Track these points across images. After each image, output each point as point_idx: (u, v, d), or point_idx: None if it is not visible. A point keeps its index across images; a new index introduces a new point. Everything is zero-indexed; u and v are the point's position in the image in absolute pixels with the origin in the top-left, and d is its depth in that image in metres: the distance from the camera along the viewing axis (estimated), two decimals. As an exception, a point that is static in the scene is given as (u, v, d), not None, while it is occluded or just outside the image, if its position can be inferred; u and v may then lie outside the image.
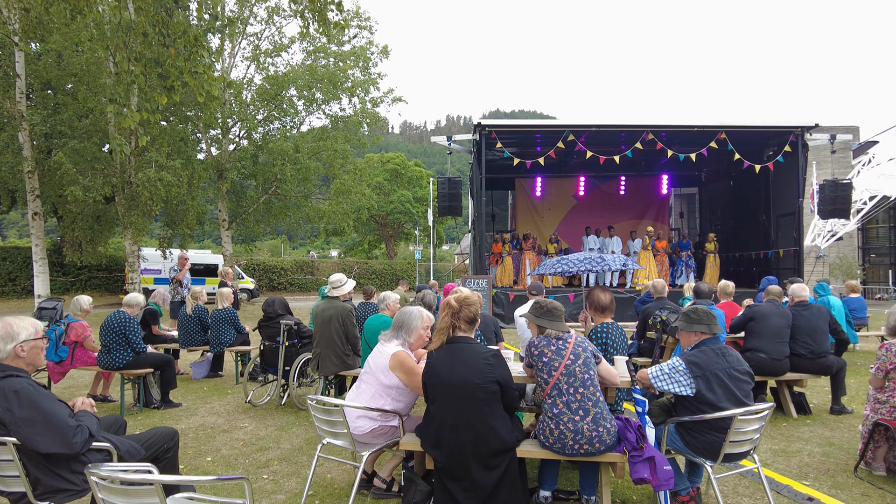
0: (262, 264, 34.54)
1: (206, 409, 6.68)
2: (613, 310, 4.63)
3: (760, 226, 17.36)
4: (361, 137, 22.65)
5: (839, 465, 4.74)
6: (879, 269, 32.52)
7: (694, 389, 3.54)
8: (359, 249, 48.24)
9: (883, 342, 4.61)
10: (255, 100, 20.98)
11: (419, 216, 43.29)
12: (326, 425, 3.84)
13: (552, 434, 3.44)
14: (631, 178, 20.25)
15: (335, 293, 6.41)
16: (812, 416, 6.27)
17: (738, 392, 3.52)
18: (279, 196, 22.07)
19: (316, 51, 20.86)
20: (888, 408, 4.44)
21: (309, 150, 21.04)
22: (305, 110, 22.01)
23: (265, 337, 7.02)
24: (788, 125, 15.18)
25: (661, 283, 7.71)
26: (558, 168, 19.45)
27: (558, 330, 3.65)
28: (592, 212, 19.96)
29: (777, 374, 6.16)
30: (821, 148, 18.15)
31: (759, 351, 6.05)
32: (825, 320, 6.38)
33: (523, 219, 20.81)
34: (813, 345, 6.25)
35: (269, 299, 7.11)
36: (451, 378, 3.30)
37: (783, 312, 6.27)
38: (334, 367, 6.17)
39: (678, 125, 15.42)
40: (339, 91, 21.07)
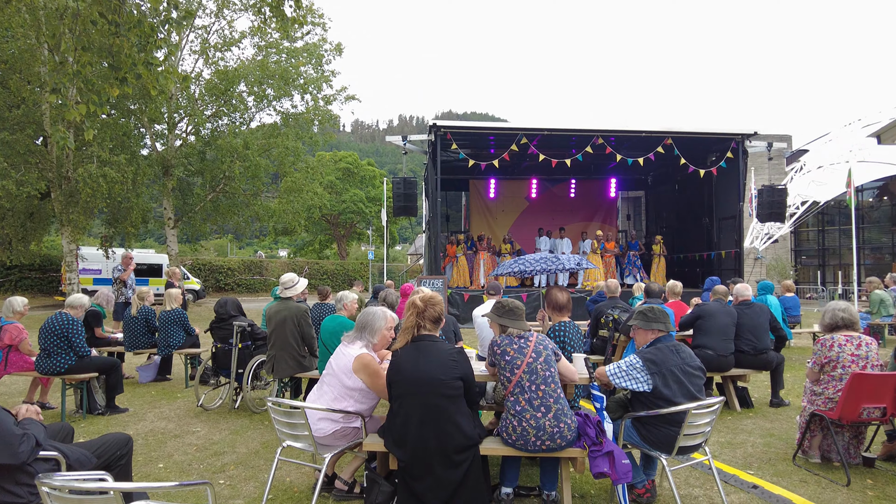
0: (208, 264, 33.53)
1: (154, 413, 6.44)
2: (570, 309, 4.75)
3: (703, 228, 18.09)
4: (313, 135, 22.32)
5: (779, 455, 5.00)
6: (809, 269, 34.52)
7: (651, 385, 3.67)
8: (309, 249, 47.48)
9: (819, 338, 4.89)
10: (204, 95, 20.36)
11: (372, 216, 42.99)
12: (287, 428, 3.77)
13: (515, 431, 3.50)
14: (581, 182, 20.72)
15: (288, 293, 6.30)
16: (754, 410, 6.59)
17: (691, 387, 3.67)
18: (227, 194, 21.47)
19: (267, 46, 20.42)
20: (823, 399, 4.70)
21: (259, 147, 20.55)
22: (256, 107, 21.52)
23: (217, 339, 6.83)
24: (730, 132, 15.88)
25: (615, 283, 7.95)
26: (511, 170, 19.73)
27: (520, 329, 3.72)
28: (544, 213, 20.35)
29: (723, 369, 6.45)
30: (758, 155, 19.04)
31: (707, 348, 6.31)
32: (766, 318, 6.73)
33: (477, 220, 20.99)
34: (755, 342, 6.57)
35: (221, 300, 6.92)
36: (417, 375, 3.32)
37: (729, 311, 6.57)
38: (290, 370, 6.07)
39: (626, 130, 15.90)
40: (291, 88, 20.70)
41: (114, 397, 6.54)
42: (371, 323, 3.84)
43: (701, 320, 6.50)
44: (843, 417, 4.51)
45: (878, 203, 31.15)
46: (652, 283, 7.32)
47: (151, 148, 20.30)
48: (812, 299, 28.42)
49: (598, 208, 21.31)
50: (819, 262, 33.90)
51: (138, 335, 8.01)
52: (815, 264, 34.13)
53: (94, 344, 7.71)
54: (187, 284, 24.54)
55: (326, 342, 5.56)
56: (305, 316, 6.13)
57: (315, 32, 20.94)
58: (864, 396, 4.44)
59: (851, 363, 4.61)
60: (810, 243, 34.97)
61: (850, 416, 4.49)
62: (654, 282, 8.86)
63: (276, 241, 57.81)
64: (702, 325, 6.47)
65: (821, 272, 33.17)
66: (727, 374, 6.56)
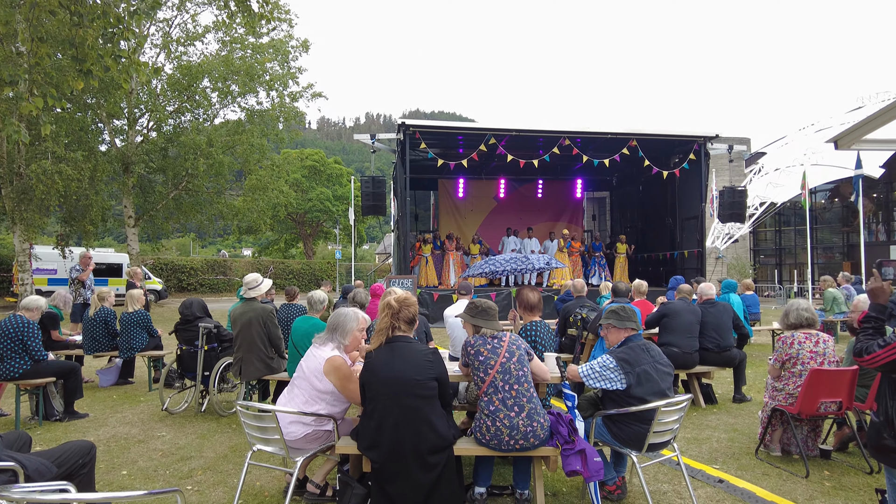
0: (169, 264, 32.73)
1: (116, 418, 6.24)
2: (541, 308, 4.79)
3: (666, 228, 18.48)
4: (279, 132, 21.98)
5: (742, 449, 5.15)
6: (767, 268, 35.69)
7: (625, 384, 3.73)
8: (275, 248, 46.75)
9: (780, 335, 5.05)
10: (166, 90, 19.83)
11: (339, 215, 42.55)
12: (257, 431, 3.70)
13: (489, 431, 3.51)
14: (548, 182, 20.94)
15: (252, 294, 6.19)
16: (718, 406, 6.76)
17: (662, 385, 3.75)
18: (190, 192, 20.97)
19: (232, 41, 20.02)
20: (784, 395, 4.86)
21: (223, 144, 20.13)
22: (220, 103, 21.08)
23: (182, 341, 6.66)
24: (693, 135, 16.26)
25: (581, 282, 8.05)
26: (480, 170, 19.82)
27: (493, 329, 3.73)
28: (512, 213, 20.50)
29: (688, 367, 6.60)
30: (719, 157, 19.56)
31: (673, 346, 6.45)
32: (730, 317, 6.92)
33: (446, 219, 21.01)
34: (719, 339, 6.75)
35: (186, 301, 6.76)
36: (391, 376, 3.30)
37: (693, 309, 6.73)
38: (257, 372, 5.96)
39: (592, 132, 16.13)
40: (257, 84, 20.33)
41: (73, 402, 6.31)
42: (343, 324, 3.80)
43: (666, 319, 6.64)
44: (802, 412, 4.67)
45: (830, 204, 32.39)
46: (619, 282, 7.44)
47: (110, 144, 19.68)
48: (770, 297, 29.37)
49: (564, 208, 21.57)
50: (776, 262, 35.07)
51: (98, 337, 7.75)
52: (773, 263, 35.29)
53: (50, 347, 7.41)
54: (149, 284, 23.88)
55: (298, 343, 5.47)
56: (271, 317, 6.03)
57: (281, 28, 20.62)
58: (821, 391, 4.60)
59: (810, 360, 4.77)
60: (768, 243, 36.15)
61: (808, 410, 4.65)
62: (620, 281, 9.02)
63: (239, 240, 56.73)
64: (667, 324, 6.61)
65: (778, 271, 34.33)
66: (692, 371, 6.72)
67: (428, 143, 15.36)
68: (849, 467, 4.69)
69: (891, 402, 2.73)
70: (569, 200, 21.61)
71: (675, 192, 17.89)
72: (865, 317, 3.04)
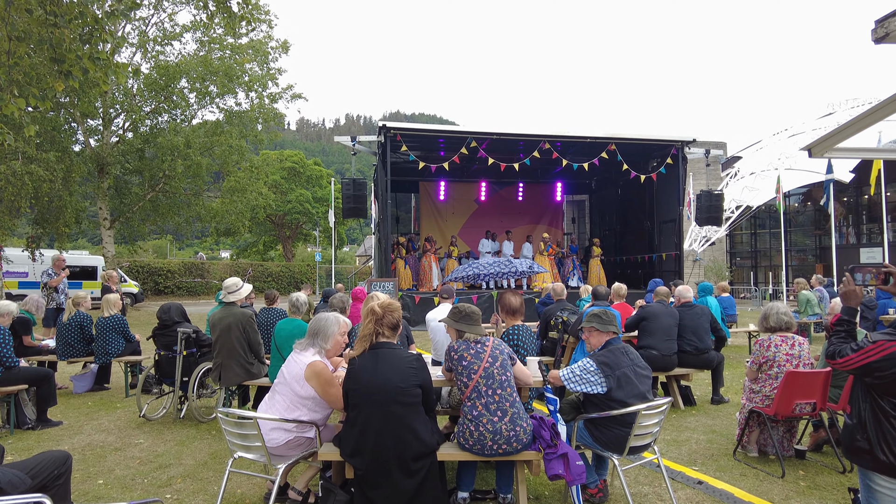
0: (146, 266, 32.21)
1: (92, 426, 6.12)
2: (523, 312, 4.82)
3: (644, 231, 18.71)
4: (258, 133, 21.77)
5: (721, 450, 5.23)
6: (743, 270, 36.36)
7: (605, 387, 3.77)
8: (253, 251, 46.27)
9: (758, 338, 5.15)
10: (142, 90, 19.51)
11: (319, 217, 42.27)
12: (238, 438, 3.66)
13: (472, 436, 3.52)
14: (528, 185, 21.09)
15: (231, 298, 6.14)
16: (697, 407, 6.86)
17: (641, 388, 3.79)
18: (167, 193, 20.65)
19: (211, 42, 19.76)
20: (761, 396, 4.95)
21: (201, 145, 19.86)
22: (198, 103, 20.78)
23: (161, 346, 6.56)
24: (671, 139, 16.50)
25: (561, 286, 8.12)
26: (461, 173, 19.87)
27: (477, 333, 3.75)
28: (493, 216, 20.61)
29: (667, 369, 6.70)
30: (696, 161, 19.90)
31: (652, 348, 6.53)
32: (707, 319, 7.02)
33: (427, 222, 21.01)
34: (697, 342, 6.85)
35: (164, 306, 6.66)
36: (375, 383, 3.29)
37: (671, 312, 6.82)
38: (237, 377, 5.91)
39: (572, 136, 16.29)
40: (235, 85, 20.10)
41: (46, 410, 6.17)
42: (324, 329, 3.78)
43: (645, 322, 6.73)
44: (778, 413, 4.76)
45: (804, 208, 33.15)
46: (599, 286, 7.52)
47: (85, 144, 19.29)
48: (746, 299, 29.90)
49: (544, 211, 21.73)
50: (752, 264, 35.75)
51: (73, 343, 7.59)
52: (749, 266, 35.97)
53: (22, 353, 7.26)
54: (124, 287, 23.48)
55: (281, 346, 5.44)
56: (251, 321, 5.98)
57: (261, 29, 20.39)
58: (796, 393, 4.70)
59: (786, 362, 4.87)
60: (744, 246, 36.83)
61: (784, 411, 4.74)
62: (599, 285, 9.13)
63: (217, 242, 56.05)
64: (646, 327, 6.70)
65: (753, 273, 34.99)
66: (671, 373, 6.82)
67: (409, 146, 15.35)
68: (823, 467, 4.80)
69: (863, 405, 2.80)
70: (549, 203, 21.78)
71: (653, 196, 18.12)
72: (838, 320, 3.11)
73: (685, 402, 6.93)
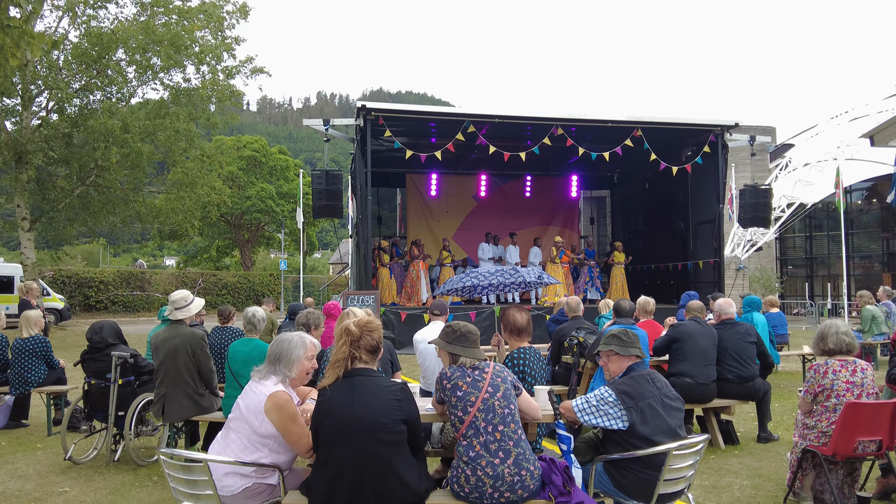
0: (74, 276, 32.13)
1: (6, 471, 6.10)
2: (531, 332, 4.85)
3: (677, 234, 18.83)
4: (211, 115, 21.81)
5: (769, 498, 5.27)
6: (796, 281, 36.40)
7: (627, 422, 3.79)
8: (204, 258, 46.19)
9: (812, 363, 5.18)
10: (70, 63, 19.51)
11: (285, 216, 42.24)
12: (185, 486, 3.66)
13: (468, 482, 3.52)
14: (538, 178, 21.20)
15: (179, 316, 6.13)
16: (740, 446, 6.90)
17: (671, 423, 3.82)
18: (100, 188, 20.66)
19: (153, 4, 19.82)
20: (816, 433, 4.98)
21: (141, 130, 19.89)
22: (138, 79, 20.85)
23: (90, 374, 6.56)
24: (708, 123, 16.66)
25: (576, 300, 8.16)
26: (457, 164, 19.93)
27: (474, 358, 3.76)
28: (494, 216, 20.67)
29: (705, 400, 6.73)
30: (739, 150, 20.04)
31: (686, 375, 6.56)
32: (753, 340, 7.06)
33: (415, 222, 21.06)
34: (741, 368, 6.89)
35: (95, 325, 6.65)
36: (351, 417, 3.29)
37: (708, 332, 6.86)
38: (184, 412, 5.91)
39: (590, 119, 16.42)
40: (183, 57, 20.16)
41: (-50, 451, 6.15)
42: (287, 353, 3.77)
43: (678, 344, 6.76)
44: (837, 453, 4.79)
45: (868, 206, 33.33)
46: (622, 300, 7.57)
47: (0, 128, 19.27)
48: (800, 315, 29.99)
49: (557, 210, 21.85)
50: (807, 273, 35.83)
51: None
52: (803, 275, 36.05)
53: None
54: (47, 302, 23.42)
55: (238, 373, 5.44)
56: (202, 344, 5.98)
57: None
58: (859, 428, 4.73)
59: (846, 391, 4.90)
60: (797, 251, 36.93)
61: (844, 450, 4.77)
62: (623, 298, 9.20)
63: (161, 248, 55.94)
64: (679, 350, 6.73)
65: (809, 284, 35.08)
66: (709, 405, 6.85)
67: (394, 131, 15.41)
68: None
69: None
70: (562, 200, 21.90)
71: (687, 192, 18.26)
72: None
73: (726, 439, 6.96)
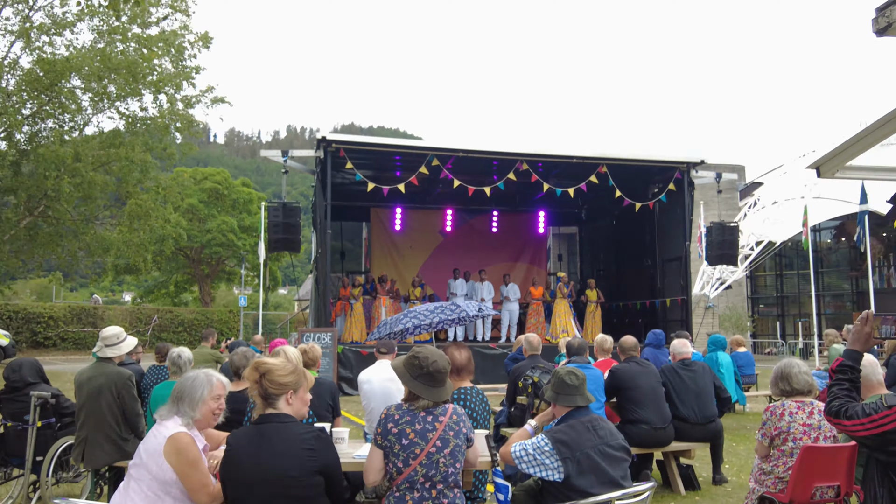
0: (21, 311, 31.19)
1: None
2: (472, 370, 4.68)
3: (645, 271, 18.91)
4: (168, 146, 21.56)
5: (726, 549, 5.10)
6: (768, 320, 36.75)
7: (562, 474, 3.61)
8: (161, 293, 45.32)
9: (768, 405, 5.07)
10: (21, 89, 19.19)
11: (247, 250, 41.72)
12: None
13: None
14: (504, 214, 21.19)
15: (109, 353, 5.87)
16: (701, 492, 6.76)
17: (612, 473, 3.65)
18: (49, 219, 20.18)
19: (110, 31, 19.68)
20: (773, 479, 4.86)
21: (95, 160, 19.56)
22: (93, 107, 20.58)
23: (7, 415, 6.26)
24: (674, 160, 16.84)
25: (536, 338, 7.99)
26: (422, 198, 19.83)
27: (437, 400, 3.50)
28: (461, 251, 20.53)
29: (664, 443, 6.58)
30: (707, 187, 20.30)
31: (642, 422, 6.43)
32: (711, 379, 6.98)
33: (380, 257, 20.86)
34: (700, 408, 6.80)
35: (13, 363, 6.35)
36: (258, 471, 3.09)
37: (648, 370, 6.78)
38: (106, 457, 5.61)
39: (555, 155, 16.51)
40: (141, 85, 19.97)
41: None
42: (189, 392, 3.54)
43: (624, 391, 6.64)
44: (794, 500, 4.66)
45: (837, 245, 33.96)
46: (574, 338, 7.46)
47: (-58, 155, 18.80)
48: (772, 355, 30.17)
49: (525, 246, 21.84)
50: (778, 312, 36.21)
51: None
52: (775, 314, 36.42)
53: None
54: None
55: (158, 417, 5.17)
56: (128, 385, 5.70)
57: (174, 18, 20.48)
58: (816, 474, 4.61)
59: (803, 434, 4.79)
60: (768, 290, 37.36)
61: (801, 497, 4.63)
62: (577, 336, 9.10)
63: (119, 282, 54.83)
64: (628, 397, 6.61)
65: (780, 323, 35.43)
66: (668, 448, 6.71)
67: (357, 164, 15.31)
68: (850, 570, 4.70)
69: (880, 490, 2.71)
70: (530, 237, 21.91)
71: (654, 229, 18.38)
72: (839, 365, 3.03)
73: (686, 485, 6.82)
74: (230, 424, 4.78)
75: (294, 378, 3.36)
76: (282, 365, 3.38)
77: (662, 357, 9.20)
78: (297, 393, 3.38)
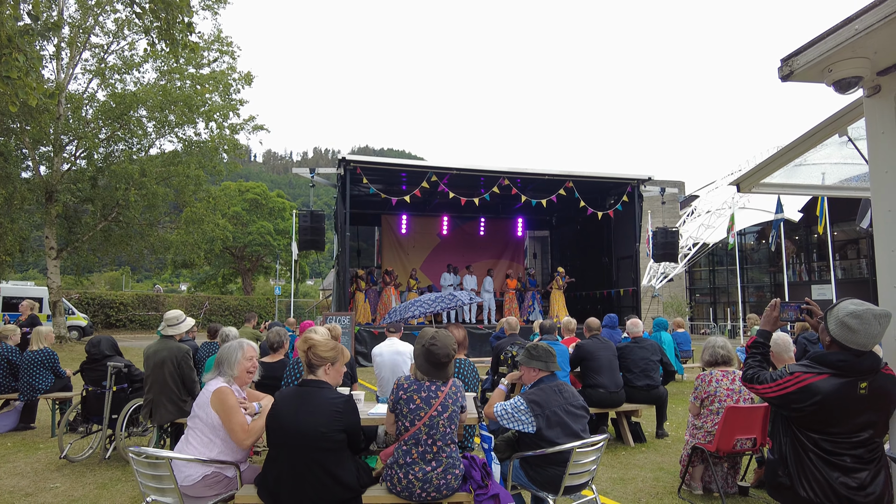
0: (97, 298, 31.09)
1: (5, 469, 5.71)
2: (467, 346, 4.74)
3: (603, 267, 18.97)
4: (217, 164, 21.50)
5: (666, 488, 5.17)
6: (703, 306, 37.07)
7: (535, 427, 3.67)
8: (211, 283, 45.14)
9: (699, 374, 5.16)
10: (98, 117, 19.12)
11: (280, 249, 41.66)
12: (151, 480, 3.43)
13: (400, 483, 3.35)
14: (490, 220, 21.24)
15: (171, 332, 5.90)
16: (647, 444, 6.82)
17: (575, 427, 3.72)
18: (121, 223, 20.12)
19: (170, 71, 19.61)
20: (703, 433, 4.94)
21: (157, 175, 19.48)
22: (156, 132, 20.46)
23: (88, 381, 6.24)
24: (626, 177, 16.90)
25: (514, 320, 8.05)
26: (423, 207, 19.90)
27: (442, 378, 3.48)
28: (455, 250, 20.63)
29: (616, 404, 6.65)
30: (654, 199, 20.37)
31: (599, 386, 6.50)
32: (657, 354, 7.05)
33: (389, 255, 20.90)
34: (646, 377, 6.85)
35: (93, 339, 6.36)
36: (295, 426, 3.14)
37: (607, 345, 6.84)
38: (169, 415, 5.63)
39: (530, 172, 16.54)
40: (195, 115, 19.91)
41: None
42: (227, 357, 3.69)
43: (585, 362, 6.71)
44: (719, 449, 4.74)
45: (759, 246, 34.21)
46: (545, 320, 7.51)
47: (34, 171, 18.71)
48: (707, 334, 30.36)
49: (506, 246, 21.88)
50: (711, 300, 36.50)
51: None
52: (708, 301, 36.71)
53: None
54: (72, 320, 22.61)
55: (210, 382, 5.21)
56: (186, 357, 5.73)
57: (223, 60, 20.41)
58: (736, 428, 4.70)
59: (727, 397, 4.89)
60: (703, 282, 37.63)
61: (725, 447, 4.72)
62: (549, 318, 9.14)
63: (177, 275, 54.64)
64: (588, 366, 6.68)
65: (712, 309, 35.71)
66: (620, 409, 6.78)
67: (370, 179, 15.35)
68: (765, 503, 4.78)
69: (784, 439, 2.78)
70: (510, 239, 21.96)
71: (611, 232, 18.44)
72: (753, 342, 3.12)
73: (635, 438, 6.89)
74: (265, 387, 4.86)
75: (333, 354, 3.39)
76: (324, 342, 3.41)
77: (616, 336, 9.27)
78: (334, 365, 3.39)
